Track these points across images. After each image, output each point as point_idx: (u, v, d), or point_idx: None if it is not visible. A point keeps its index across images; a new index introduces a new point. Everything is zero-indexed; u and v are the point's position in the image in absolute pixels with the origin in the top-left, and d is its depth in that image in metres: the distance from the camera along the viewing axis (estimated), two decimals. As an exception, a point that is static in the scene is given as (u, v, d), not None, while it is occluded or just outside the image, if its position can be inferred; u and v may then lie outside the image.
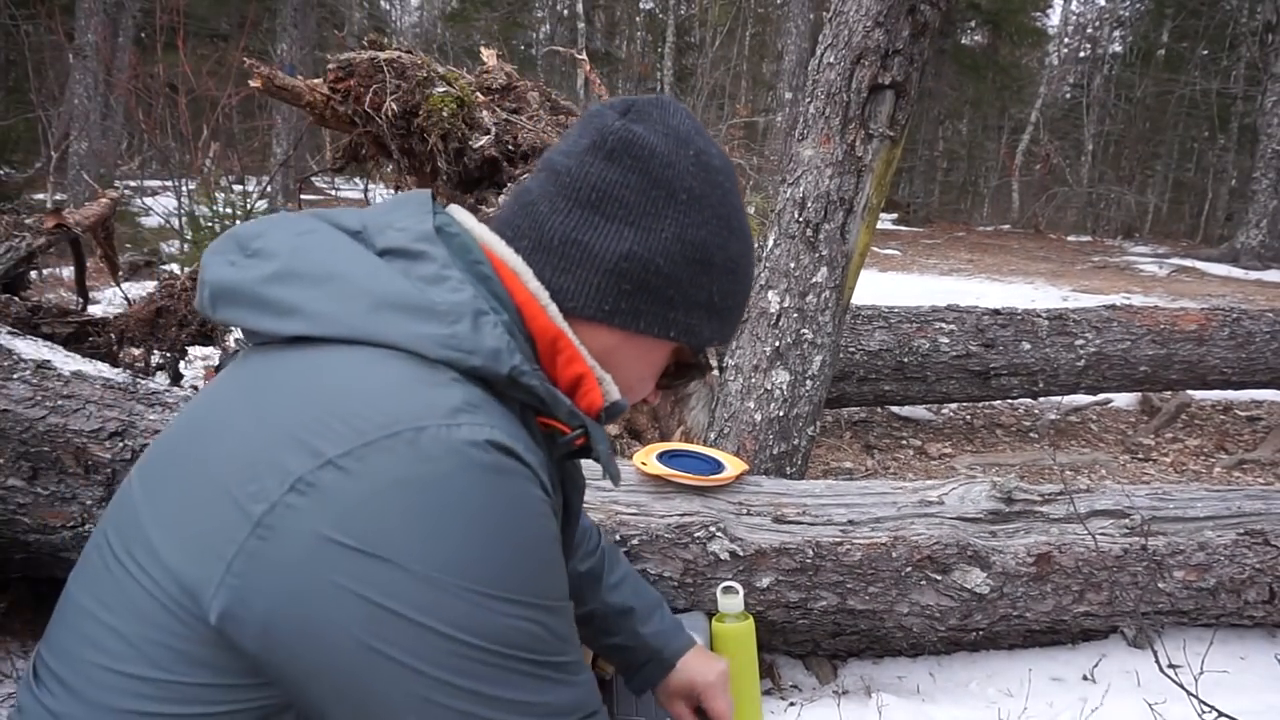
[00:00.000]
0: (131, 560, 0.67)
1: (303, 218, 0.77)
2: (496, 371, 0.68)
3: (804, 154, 2.52)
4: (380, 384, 0.65)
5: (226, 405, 0.71)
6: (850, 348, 3.57)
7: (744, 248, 0.83)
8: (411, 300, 0.68)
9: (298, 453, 0.62)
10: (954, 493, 2.10)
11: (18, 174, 9.43)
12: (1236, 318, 4.02)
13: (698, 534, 1.93)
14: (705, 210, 0.78)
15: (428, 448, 0.62)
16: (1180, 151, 19.62)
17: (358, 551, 0.60)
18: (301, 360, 0.68)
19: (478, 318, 0.69)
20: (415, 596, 0.60)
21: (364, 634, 0.61)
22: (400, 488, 0.61)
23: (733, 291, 0.83)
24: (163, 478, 0.70)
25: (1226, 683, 1.87)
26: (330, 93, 2.96)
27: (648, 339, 0.80)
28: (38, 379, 1.81)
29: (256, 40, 13.35)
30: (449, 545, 0.61)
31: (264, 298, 0.70)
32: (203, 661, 0.65)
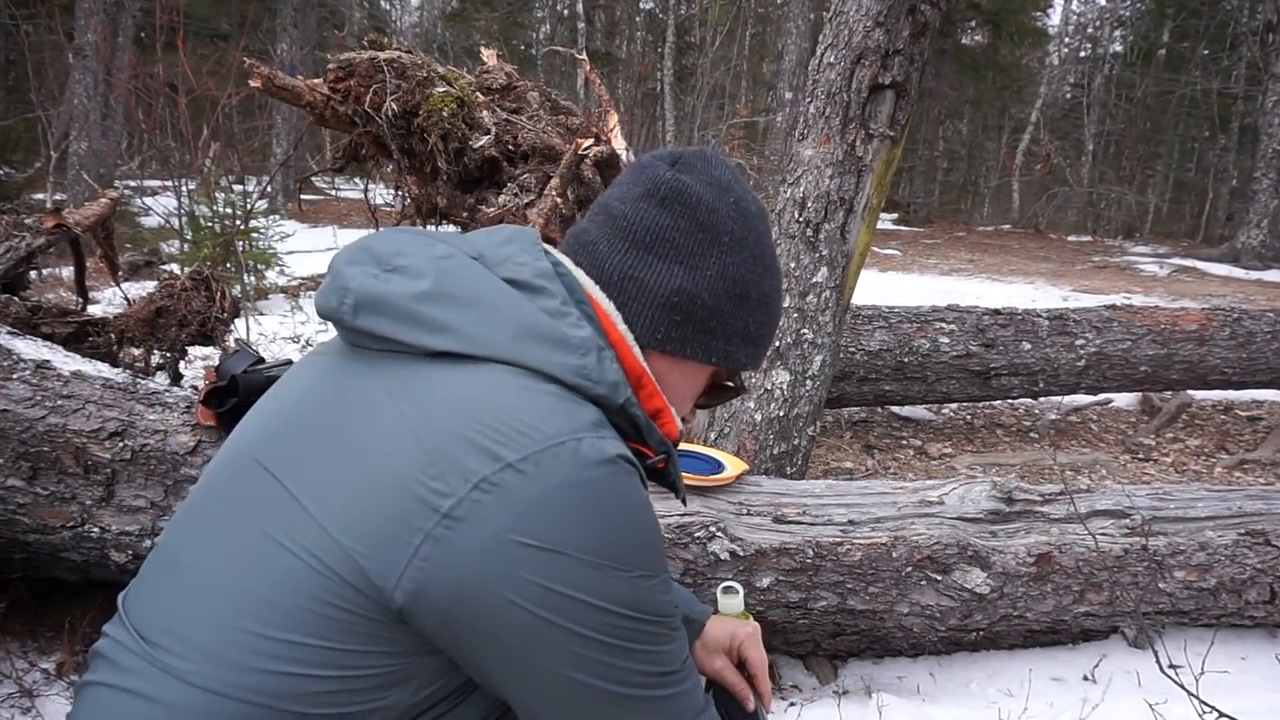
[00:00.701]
0: (288, 538, 0.75)
1: (434, 240, 0.86)
2: (613, 401, 0.80)
3: (804, 154, 2.52)
4: (539, 400, 0.76)
5: (376, 404, 0.78)
6: (850, 348, 3.57)
7: (776, 283, 0.95)
8: (549, 331, 0.79)
9: (478, 455, 0.72)
10: (954, 493, 2.10)
11: (18, 174, 9.42)
12: (1237, 318, 4.02)
13: (698, 534, 1.93)
14: (744, 251, 0.90)
15: (586, 454, 0.74)
16: (1181, 151, 19.62)
17: (534, 546, 0.71)
18: (460, 373, 0.78)
19: (600, 353, 0.81)
20: (580, 580, 0.73)
21: (538, 609, 0.72)
22: (566, 489, 0.73)
23: (765, 322, 0.94)
24: (315, 465, 0.78)
25: (1227, 683, 1.87)
26: (330, 93, 2.96)
27: (692, 364, 0.92)
28: (38, 379, 1.81)
29: (256, 40, 13.36)
30: (605, 536, 0.74)
31: (417, 314, 0.79)
32: (357, 631, 0.73)
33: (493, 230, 0.90)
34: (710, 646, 1.20)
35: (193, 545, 0.81)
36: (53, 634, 2.00)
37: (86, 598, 2.04)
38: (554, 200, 2.88)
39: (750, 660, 1.19)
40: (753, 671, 1.18)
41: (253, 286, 5.65)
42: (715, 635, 1.21)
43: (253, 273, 5.75)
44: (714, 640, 1.20)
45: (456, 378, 0.77)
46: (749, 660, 1.19)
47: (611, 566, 0.74)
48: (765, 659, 1.19)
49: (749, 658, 1.19)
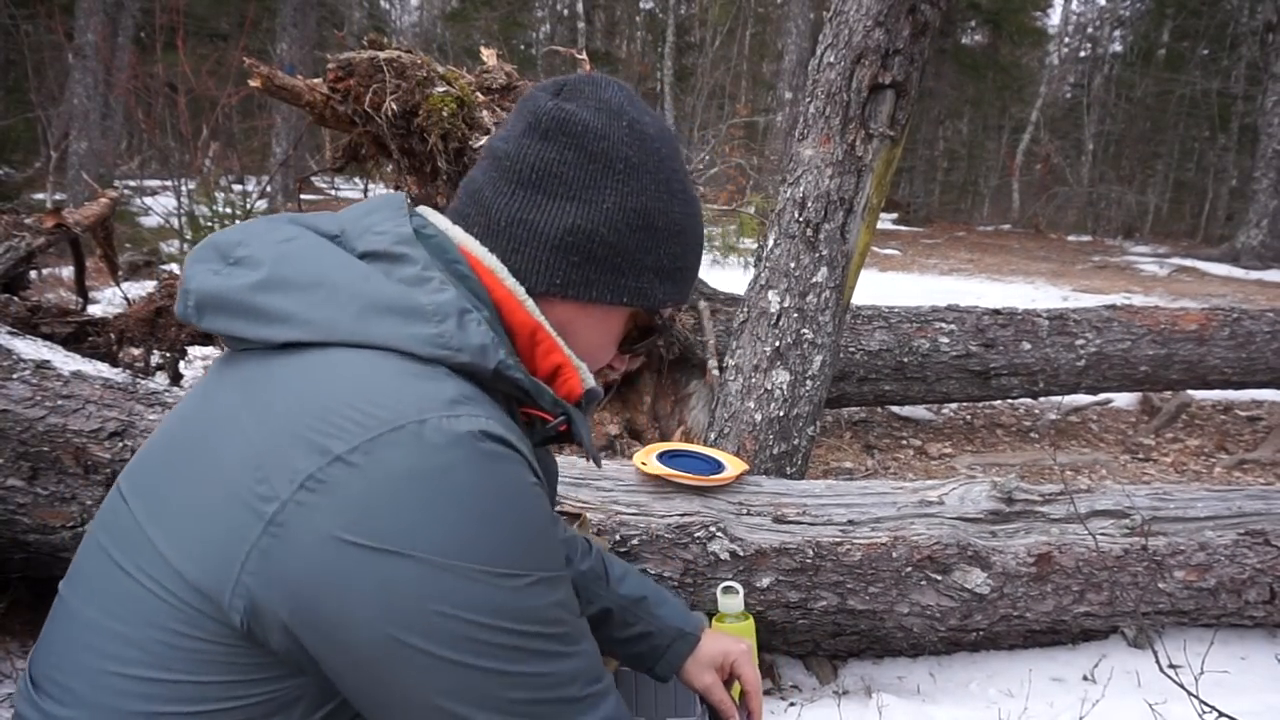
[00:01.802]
0: (135, 568, 0.69)
1: (281, 224, 0.78)
2: (484, 367, 0.72)
3: (804, 154, 2.52)
4: (379, 381, 0.68)
5: (223, 411, 0.72)
6: (850, 348, 3.57)
7: (687, 210, 0.86)
8: (398, 302, 0.71)
9: (306, 451, 0.64)
10: (954, 493, 2.10)
11: (18, 174, 9.43)
12: (1237, 318, 4.01)
13: (698, 534, 1.93)
14: (644, 177, 0.81)
15: (432, 438, 0.65)
16: (1181, 151, 19.61)
17: (370, 548, 0.63)
18: (298, 363, 0.70)
19: (463, 316, 0.72)
20: (429, 585, 0.63)
21: (384, 624, 0.63)
22: (408, 479, 0.64)
23: (681, 253, 0.86)
24: (161, 486, 0.72)
25: (1227, 683, 1.87)
26: (330, 92, 2.96)
27: (601, 307, 0.84)
28: (37, 379, 1.81)
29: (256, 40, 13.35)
30: (458, 531, 0.64)
31: (254, 306, 0.72)
32: (216, 660, 0.67)
33: (362, 202, 0.83)
34: (702, 661, 1.16)
35: (73, 587, 0.76)
36: (52, 634, 2.00)
37: (86, 598, 2.04)
38: (554, 200, 2.87)
39: (744, 678, 1.15)
40: (746, 689, 1.15)
41: (253, 286, 5.63)
42: (708, 651, 1.16)
43: (252, 273, 5.74)
44: (706, 656, 1.16)
45: (295, 368, 0.70)
46: (742, 678, 1.15)
47: (467, 567, 0.64)
48: (758, 678, 1.15)
49: (742, 675, 1.15)
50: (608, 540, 1.92)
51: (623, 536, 1.93)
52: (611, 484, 2.04)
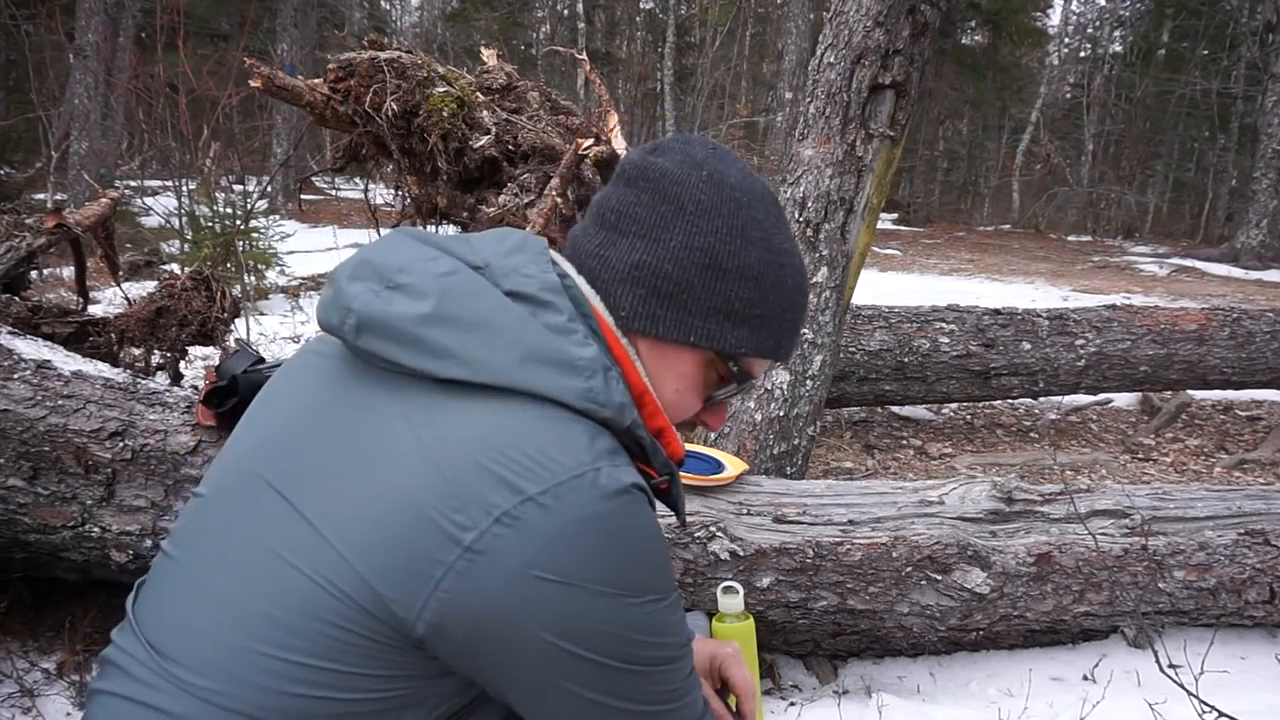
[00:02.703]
0: (298, 558, 0.74)
1: (439, 252, 0.82)
2: (620, 423, 0.79)
3: (804, 154, 2.52)
4: (556, 429, 0.75)
5: (387, 430, 0.77)
6: (850, 348, 3.57)
7: (767, 258, 0.86)
8: (555, 355, 0.77)
9: (499, 488, 0.72)
10: (954, 493, 2.10)
11: (18, 174, 9.43)
12: (1237, 318, 4.02)
13: (698, 534, 1.93)
14: (715, 220, 0.84)
15: (604, 486, 0.73)
16: (1180, 151, 19.61)
17: (553, 580, 0.72)
18: (474, 403, 0.76)
19: (607, 373, 0.79)
20: (598, 610, 0.74)
21: (558, 639, 0.73)
22: (585, 523, 0.72)
23: (758, 299, 0.86)
24: (326, 482, 0.77)
25: (1227, 683, 1.87)
26: (330, 93, 2.96)
27: (673, 349, 0.87)
28: (38, 379, 1.81)
29: (257, 40, 13.36)
30: (621, 566, 0.74)
31: (420, 338, 0.77)
32: (371, 655, 0.73)
33: (501, 236, 0.87)
34: None
35: (202, 559, 0.81)
36: (53, 634, 2.00)
37: (87, 598, 2.05)
38: (554, 200, 2.88)
39: (733, 681, 1.14)
40: (737, 693, 1.14)
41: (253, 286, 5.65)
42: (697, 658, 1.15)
43: (253, 273, 5.76)
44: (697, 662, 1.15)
45: (472, 406, 0.76)
46: (732, 681, 1.14)
47: (627, 595, 0.75)
48: (749, 679, 1.15)
49: (731, 678, 1.14)
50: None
51: (623, 536, 1.93)
52: (612, 484, 2.03)
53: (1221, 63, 17.20)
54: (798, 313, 0.91)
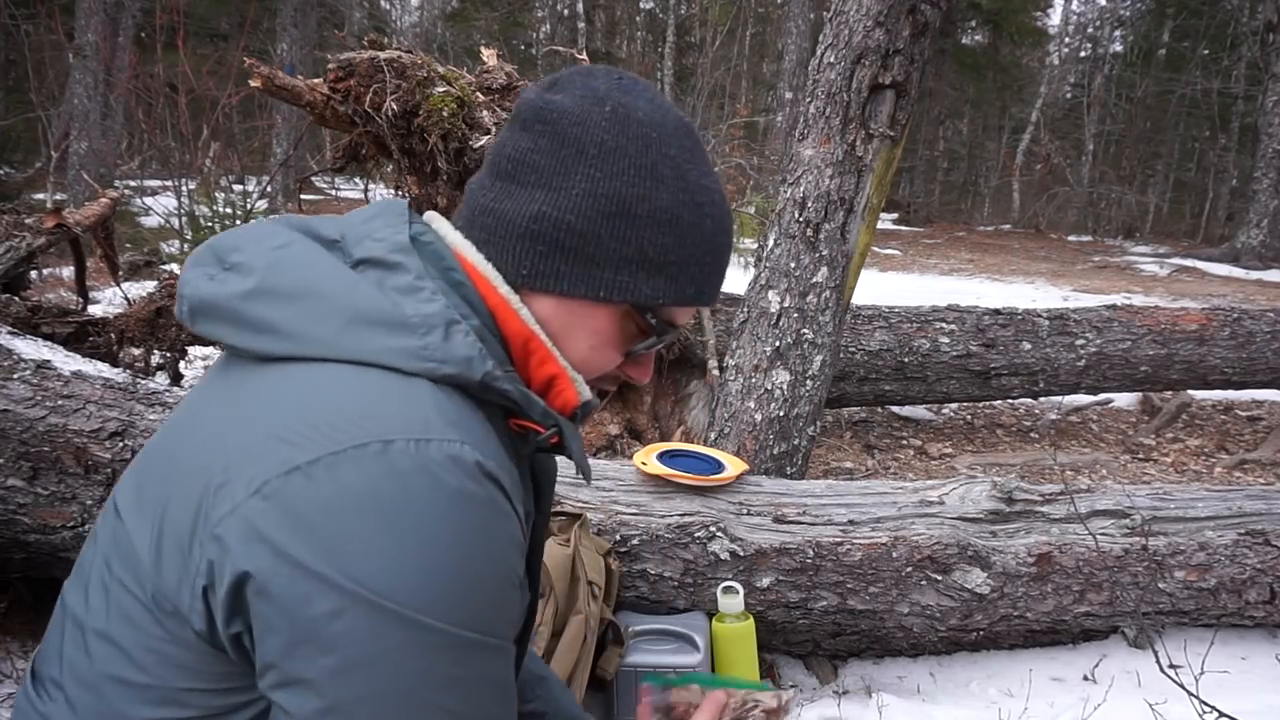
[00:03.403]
0: (122, 568, 0.70)
1: (280, 228, 0.77)
2: (469, 379, 0.69)
3: (804, 154, 2.52)
4: (354, 397, 0.66)
5: (206, 418, 0.72)
6: (850, 348, 3.57)
7: (683, 198, 0.77)
8: (384, 315, 0.69)
9: (269, 459, 0.63)
10: (954, 493, 2.10)
11: (18, 174, 9.43)
12: (1237, 318, 4.02)
13: (698, 534, 1.93)
14: (621, 161, 0.75)
15: (396, 461, 0.62)
16: (1181, 151, 19.61)
17: (302, 566, 0.60)
18: (279, 375, 0.69)
19: (449, 327, 0.70)
20: (347, 615, 0.60)
21: (296, 637, 0.61)
22: (359, 499, 0.61)
23: (674, 245, 0.77)
24: (145, 488, 0.72)
25: (1227, 683, 1.87)
26: (330, 92, 2.96)
27: (582, 304, 0.78)
28: (38, 379, 1.81)
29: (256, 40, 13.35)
30: (393, 565, 0.61)
31: (243, 315, 0.71)
32: (185, 665, 0.67)
33: (370, 207, 0.81)
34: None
35: (70, 583, 0.77)
36: (53, 634, 2.00)
37: (87, 598, 2.04)
38: (554, 200, 2.87)
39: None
40: None
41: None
42: None
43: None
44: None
45: (277, 378, 0.69)
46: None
47: (405, 609, 0.61)
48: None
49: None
50: (608, 540, 1.92)
51: (623, 536, 1.93)
52: (611, 484, 2.04)
53: (1222, 63, 17.19)
54: (720, 254, 0.81)
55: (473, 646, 0.64)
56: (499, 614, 0.67)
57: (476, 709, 0.66)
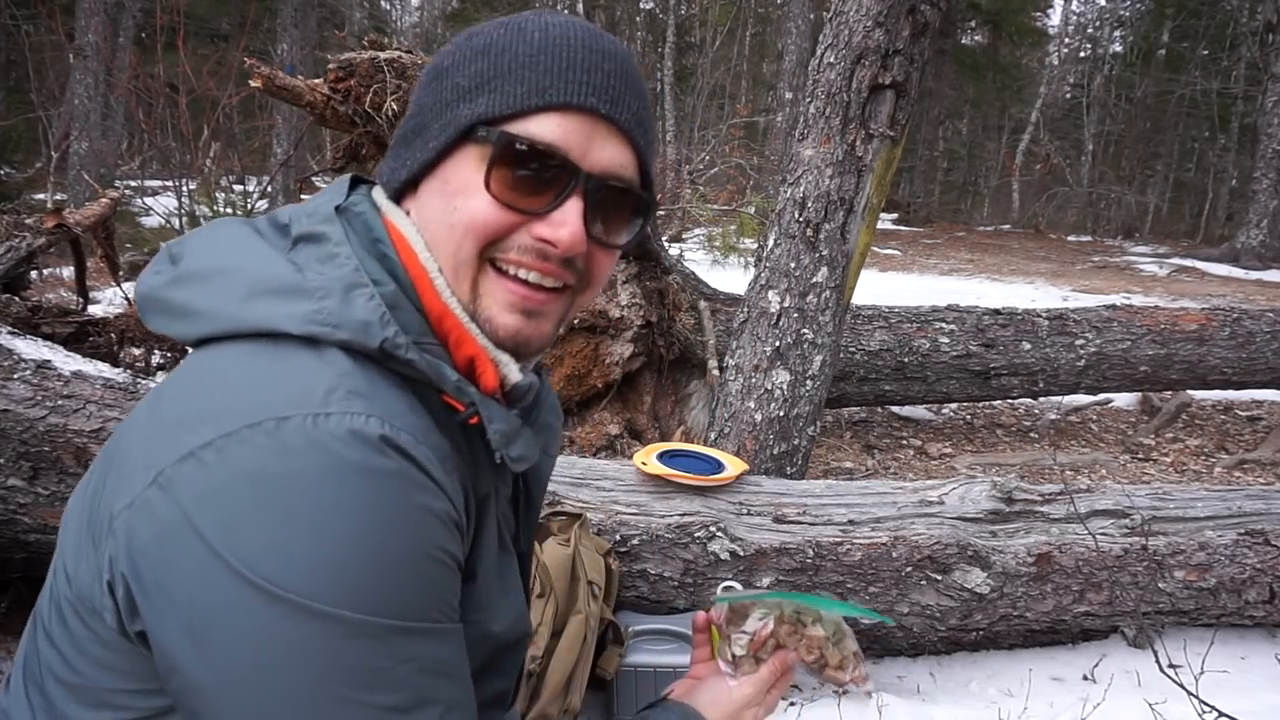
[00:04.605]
0: (61, 569, 0.69)
1: (229, 220, 0.75)
2: (366, 344, 0.64)
3: (804, 154, 2.52)
4: (252, 372, 0.63)
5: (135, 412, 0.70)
6: (850, 348, 3.57)
7: (496, 35, 0.71)
8: (285, 282, 0.66)
9: (167, 446, 0.60)
10: (954, 493, 2.10)
11: (18, 174, 9.43)
12: (1237, 318, 4.02)
13: (698, 534, 1.93)
14: (449, 48, 0.74)
15: (289, 439, 0.58)
16: (1180, 151, 19.62)
17: (197, 556, 0.57)
18: (191, 358, 0.68)
19: (349, 291, 0.66)
20: (242, 604, 0.56)
21: (190, 621, 0.58)
22: (250, 483, 0.57)
23: (491, 66, 0.70)
24: (85, 488, 0.71)
25: (1227, 683, 1.87)
26: (330, 93, 2.96)
27: (427, 183, 0.73)
28: (38, 379, 1.81)
29: (257, 40, 13.36)
30: (290, 550, 0.57)
31: (170, 302, 0.69)
32: (111, 665, 0.65)
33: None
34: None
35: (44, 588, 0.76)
36: (53, 634, 2.00)
37: (87, 597, 2.04)
38: (554, 200, 2.87)
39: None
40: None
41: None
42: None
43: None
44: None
45: (191, 360, 0.67)
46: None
47: (286, 595, 0.56)
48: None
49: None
50: (608, 540, 1.92)
51: (623, 536, 1.93)
52: (611, 484, 2.04)
53: (1221, 63, 17.20)
54: (560, 50, 0.70)
55: (394, 633, 0.59)
56: (422, 594, 0.61)
57: (415, 699, 0.60)
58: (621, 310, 3.07)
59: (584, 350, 3.09)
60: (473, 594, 0.73)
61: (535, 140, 0.68)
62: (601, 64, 0.71)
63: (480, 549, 0.74)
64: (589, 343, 3.09)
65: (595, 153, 0.70)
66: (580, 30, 0.72)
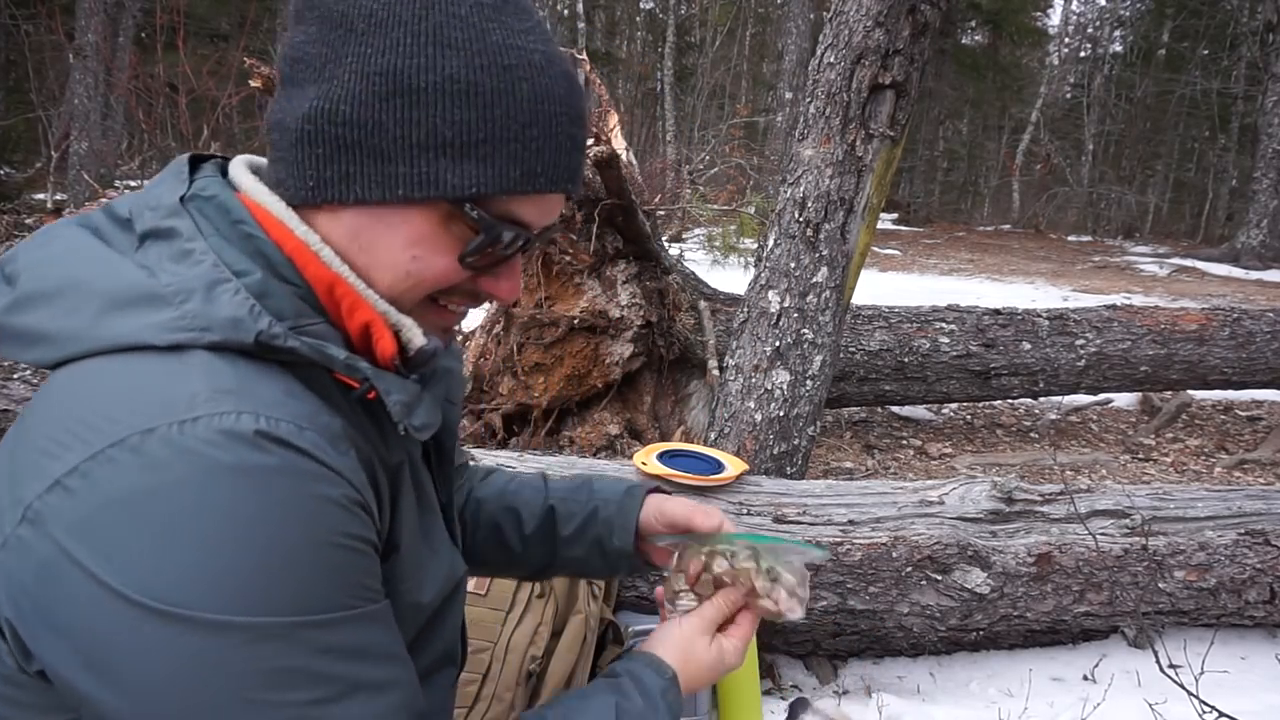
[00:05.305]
0: None
1: (58, 224, 0.69)
2: (241, 341, 0.61)
3: (804, 154, 2.52)
4: (112, 389, 0.59)
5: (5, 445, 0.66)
6: (850, 348, 3.57)
7: (477, 62, 0.64)
8: (139, 291, 0.62)
9: (34, 478, 0.57)
10: (954, 493, 2.10)
11: (18, 174, 9.44)
12: (1237, 318, 4.02)
13: (698, 534, 1.93)
14: (394, 31, 0.63)
15: (155, 453, 0.55)
16: (1181, 151, 19.62)
17: (75, 586, 0.55)
18: (51, 384, 0.63)
19: (211, 289, 0.62)
20: (137, 628, 0.54)
21: (86, 655, 0.56)
22: (123, 503, 0.54)
23: (478, 120, 0.64)
24: None
25: (1227, 683, 1.87)
26: (330, 93, 2.96)
27: (384, 209, 0.66)
28: (38, 379, 1.81)
29: (256, 40, 13.36)
30: (177, 568, 0.54)
31: (14, 329, 0.64)
32: (23, 702, 0.62)
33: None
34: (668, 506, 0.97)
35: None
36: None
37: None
38: (554, 200, 2.87)
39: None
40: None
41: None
42: (673, 502, 0.98)
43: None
44: (672, 504, 0.98)
45: (48, 386, 0.62)
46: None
47: (183, 613, 0.54)
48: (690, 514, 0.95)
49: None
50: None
51: (623, 536, 1.93)
52: (612, 484, 2.04)
53: (1221, 63, 17.20)
54: (550, 124, 0.66)
55: (301, 628, 0.57)
56: (328, 584, 0.59)
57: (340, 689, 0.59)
58: (621, 310, 3.07)
59: (584, 350, 3.09)
60: (398, 565, 0.71)
61: (519, 222, 0.69)
62: (578, 136, 0.69)
63: (399, 518, 0.72)
64: (589, 343, 3.09)
65: (549, 218, 0.72)
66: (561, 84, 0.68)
